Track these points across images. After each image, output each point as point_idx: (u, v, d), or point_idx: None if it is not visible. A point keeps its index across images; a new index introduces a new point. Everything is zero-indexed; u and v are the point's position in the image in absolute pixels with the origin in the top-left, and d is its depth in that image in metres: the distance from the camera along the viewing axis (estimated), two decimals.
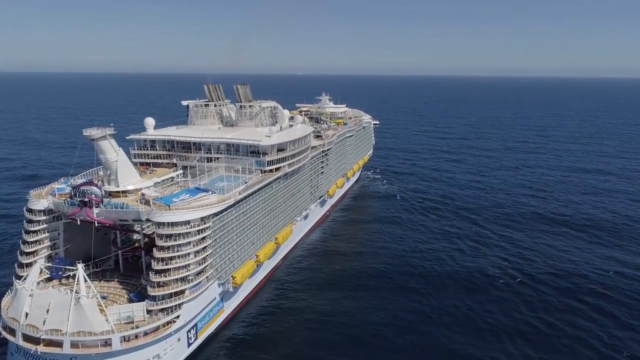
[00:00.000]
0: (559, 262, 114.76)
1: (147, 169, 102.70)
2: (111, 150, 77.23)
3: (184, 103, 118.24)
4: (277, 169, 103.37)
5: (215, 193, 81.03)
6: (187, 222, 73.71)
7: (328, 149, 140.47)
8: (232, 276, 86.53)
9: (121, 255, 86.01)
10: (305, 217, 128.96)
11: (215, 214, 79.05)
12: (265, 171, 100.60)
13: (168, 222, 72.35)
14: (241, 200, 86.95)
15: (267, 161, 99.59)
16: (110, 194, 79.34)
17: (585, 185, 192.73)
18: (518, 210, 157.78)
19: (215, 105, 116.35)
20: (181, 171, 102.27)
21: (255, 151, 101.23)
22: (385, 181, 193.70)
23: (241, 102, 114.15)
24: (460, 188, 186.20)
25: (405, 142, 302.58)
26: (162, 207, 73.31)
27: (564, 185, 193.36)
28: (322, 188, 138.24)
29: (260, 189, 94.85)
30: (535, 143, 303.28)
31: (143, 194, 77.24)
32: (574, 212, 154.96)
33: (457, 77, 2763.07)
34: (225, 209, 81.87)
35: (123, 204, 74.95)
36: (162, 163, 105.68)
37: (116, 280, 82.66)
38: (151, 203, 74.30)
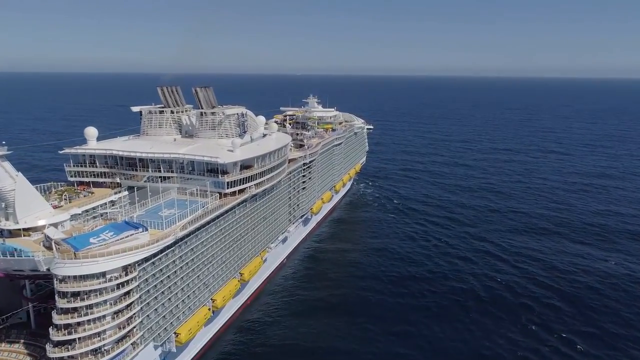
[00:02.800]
0: (609, 303, 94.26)
1: (84, 189, 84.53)
2: (5, 177, 58.56)
3: (135, 109, 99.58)
4: (241, 191, 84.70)
5: (147, 231, 62.13)
6: (102, 275, 55.08)
7: (311, 161, 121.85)
8: (175, 333, 67.98)
9: (32, 308, 67.23)
10: (284, 240, 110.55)
11: (147, 259, 60.44)
12: (225, 194, 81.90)
13: (73, 276, 53.69)
14: (186, 236, 68.22)
15: (227, 182, 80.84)
16: (10, 233, 60.89)
17: (606, 194, 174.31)
18: (538, 232, 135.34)
19: (172, 112, 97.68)
20: (126, 192, 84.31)
21: (213, 169, 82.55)
22: (378, 194, 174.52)
23: (202, 109, 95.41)
24: (467, 201, 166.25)
25: (404, 146, 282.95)
26: (67, 254, 54.54)
27: (586, 194, 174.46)
28: (304, 206, 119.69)
29: (215, 218, 76.01)
30: (544, 147, 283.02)
31: (46, 235, 58.44)
32: (605, 233, 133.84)
33: (460, 77, 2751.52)
34: (162, 251, 63.22)
35: (15, 249, 56.18)
36: (103, 183, 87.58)
37: (22, 341, 64.00)
38: (54, 247, 55.54)
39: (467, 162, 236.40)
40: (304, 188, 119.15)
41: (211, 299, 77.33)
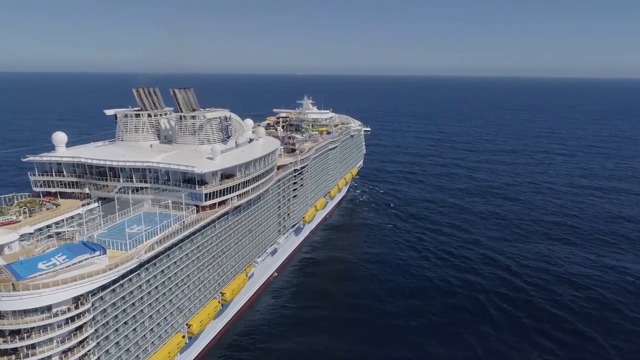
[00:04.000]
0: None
1: (50, 201, 76.89)
2: None
3: (109, 113, 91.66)
4: (222, 203, 76.81)
5: (105, 254, 54.28)
6: (48, 309, 47.28)
7: (303, 167, 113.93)
8: None
9: None
10: (273, 252, 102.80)
11: (105, 287, 52.58)
12: (203, 207, 74.00)
13: (12, 311, 45.90)
14: (154, 257, 60.34)
15: (205, 194, 72.90)
16: None
17: (619, 200, 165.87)
18: (549, 242, 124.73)
19: (149, 116, 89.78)
20: (96, 204, 76.49)
21: (189, 180, 74.66)
22: (376, 199, 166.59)
23: (181, 112, 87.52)
24: (471, 206, 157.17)
25: (404, 148, 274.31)
26: (4, 284, 46.65)
27: (598, 200, 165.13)
28: (295, 215, 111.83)
29: (191, 235, 68.11)
30: (550, 149, 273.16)
31: None
32: None
33: (460, 78, 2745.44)
34: (125, 276, 55.34)
35: None
36: (72, 193, 79.75)
37: None
38: None
39: (470, 164, 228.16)
40: (295, 196, 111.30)
41: (186, 324, 69.48)
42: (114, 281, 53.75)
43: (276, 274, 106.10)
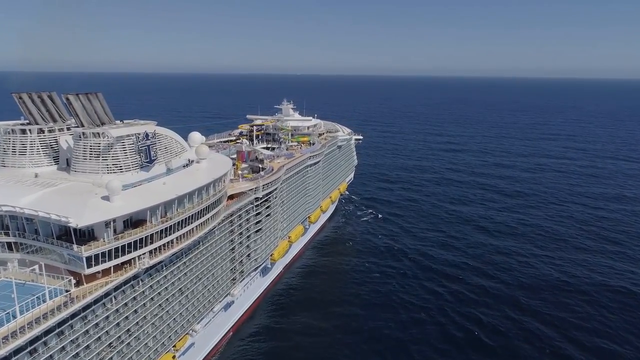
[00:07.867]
0: None
1: None
2: None
3: None
4: (122, 265, 51.84)
5: None
6: None
7: (269, 193, 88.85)
8: None
9: None
10: (227, 307, 78.23)
11: None
12: (87, 275, 48.95)
13: None
14: None
15: (87, 257, 47.78)
16: None
17: None
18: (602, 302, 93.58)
19: (41, 132, 64.69)
20: None
21: (66, 233, 49.60)
22: (368, 223, 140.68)
23: (81, 128, 62.43)
24: (495, 235, 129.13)
25: (406, 157, 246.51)
26: None
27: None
28: (258, 254, 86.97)
29: (55, 328, 43.18)
30: (576, 161, 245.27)
31: None
32: None
33: (463, 78, 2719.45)
34: None
35: None
36: None
37: None
38: None
39: (483, 174, 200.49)
40: (258, 230, 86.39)
41: None
42: None
43: (231, 333, 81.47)
